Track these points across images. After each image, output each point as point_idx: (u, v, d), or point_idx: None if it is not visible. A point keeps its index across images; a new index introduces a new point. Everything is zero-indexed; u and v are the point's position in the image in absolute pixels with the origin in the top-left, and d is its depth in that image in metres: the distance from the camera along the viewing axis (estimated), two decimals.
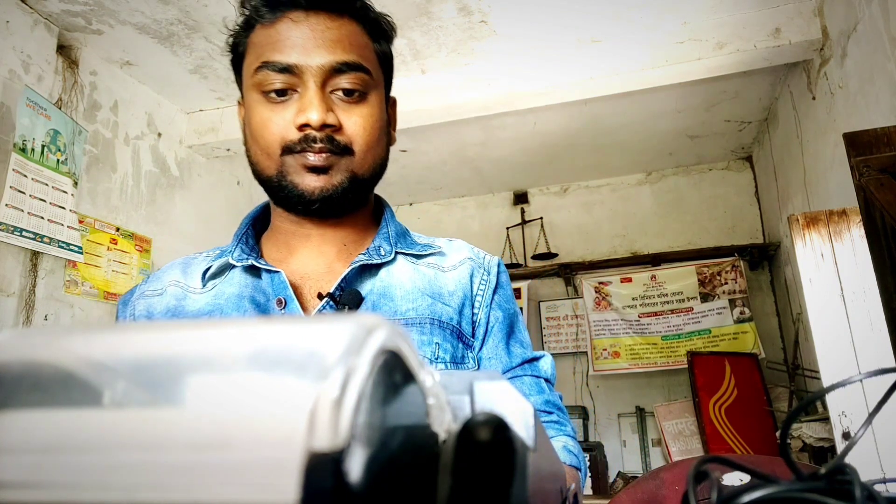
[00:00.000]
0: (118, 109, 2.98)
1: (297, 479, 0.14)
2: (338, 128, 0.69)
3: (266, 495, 0.14)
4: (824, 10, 2.60)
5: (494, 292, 0.81)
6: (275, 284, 0.72)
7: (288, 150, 0.69)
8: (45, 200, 2.48)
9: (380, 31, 0.76)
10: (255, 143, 0.72)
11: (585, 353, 4.34)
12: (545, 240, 4.67)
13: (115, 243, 2.90)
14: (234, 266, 0.75)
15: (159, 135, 3.24)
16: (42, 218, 2.46)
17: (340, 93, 0.70)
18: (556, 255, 4.60)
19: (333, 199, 0.70)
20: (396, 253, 0.78)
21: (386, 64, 0.78)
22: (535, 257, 4.57)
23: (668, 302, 4.23)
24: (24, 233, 2.37)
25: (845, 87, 2.49)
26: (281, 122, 0.69)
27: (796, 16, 2.66)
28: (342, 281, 0.72)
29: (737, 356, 3.84)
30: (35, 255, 2.46)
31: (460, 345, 0.75)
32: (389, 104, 0.81)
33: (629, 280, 4.34)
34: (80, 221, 2.68)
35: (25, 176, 2.39)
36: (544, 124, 3.75)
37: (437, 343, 0.72)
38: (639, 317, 4.26)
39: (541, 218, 4.74)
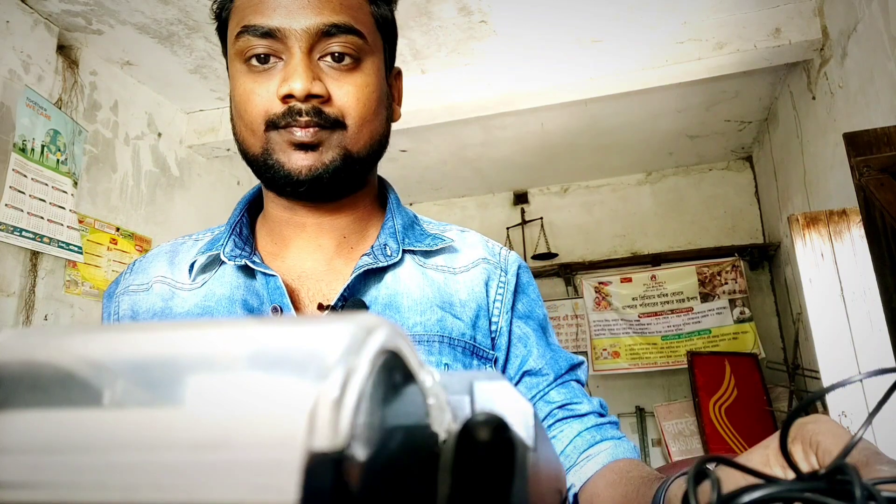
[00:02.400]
0: (118, 109, 2.98)
1: (297, 479, 0.14)
2: (326, 98, 0.62)
3: (266, 495, 0.14)
4: (824, 10, 2.60)
5: (515, 295, 0.73)
6: (270, 289, 0.65)
7: (272, 124, 0.62)
8: (44, 200, 2.48)
9: None
10: (238, 119, 0.65)
11: (585, 353, 4.34)
12: (545, 240, 4.67)
13: (115, 243, 2.90)
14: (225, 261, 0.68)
15: (159, 135, 3.24)
16: (42, 218, 2.46)
17: (329, 59, 0.62)
18: (556, 255, 4.60)
19: (324, 180, 0.62)
20: (404, 252, 0.70)
21: (386, 29, 0.70)
22: (536, 257, 4.57)
23: (668, 302, 4.23)
24: (23, 233, 2.37)
25: (845, 86, 2.49)
26: (264, 94, 0.62)
27: (796, 16, 2.66)
28: (345, 290, 0.65)
29: (737, 356, 3.84)
30: (35, 255, 2.46)
31: (475, 361, 0.68)
32: (393, 75, 0.73)
33: (629, 280, 4.34)
34: (80, 221, 2.68)
35: (25, 176, 2.39)
36: (545, 124, 3.75)
37: (446, 364, 0.66)
38: (639, 317, 4.26)
39: (541, 218, 4.74)
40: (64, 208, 2.57)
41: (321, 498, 0.14)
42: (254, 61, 0.62)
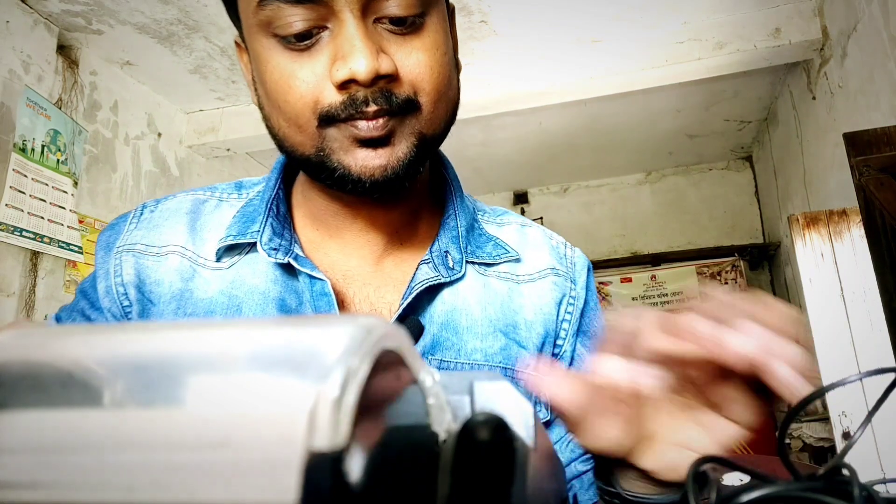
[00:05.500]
0: (118, 109, 2.98)
1: (297, 478, 0.14)
2: (395, 77, 0.47)
3: (266, 495, 0.14)
4: (824, 10, 2.60)
5: (583, 314, 0.63)
6: (315, 293, 0.54)
7: (328, 119, 0.47)
8: (45, 200, 2.48)
9: None
10: (275, 111, 0.50)
11: None
12: None
13: None
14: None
15: (159, 135, 3.24)
16: (42, 218, 2.46)
17: (387, 22, 0.47)
18: None
19: (400, 178, 0.49)
20: (466, 263, 0.59)
21: None
22: None
23: (668, 302, 4.23)
24: (24, 233, 2.37)
25: (845, 86, 2.49)
26: (311, 79, 0.47)
27: (796, 16, 2.66)
28: (404, 309, 0.55)
29: None
30: (35, 255, 2.46)
31: (533, 395, 0.57)
32: (449, 14, 0.56)
33: (629, 280, 4.34)
34: (80, 221, 2.68)
35: (25, 176, 2.39)
36: (544, 124, 3.75)
37: None
38: None
39: (541, 218, 4.74)
40: (64, 208, 2.57)
41: (321, 498, 0.14)
42: (291, 38, 0.47)
